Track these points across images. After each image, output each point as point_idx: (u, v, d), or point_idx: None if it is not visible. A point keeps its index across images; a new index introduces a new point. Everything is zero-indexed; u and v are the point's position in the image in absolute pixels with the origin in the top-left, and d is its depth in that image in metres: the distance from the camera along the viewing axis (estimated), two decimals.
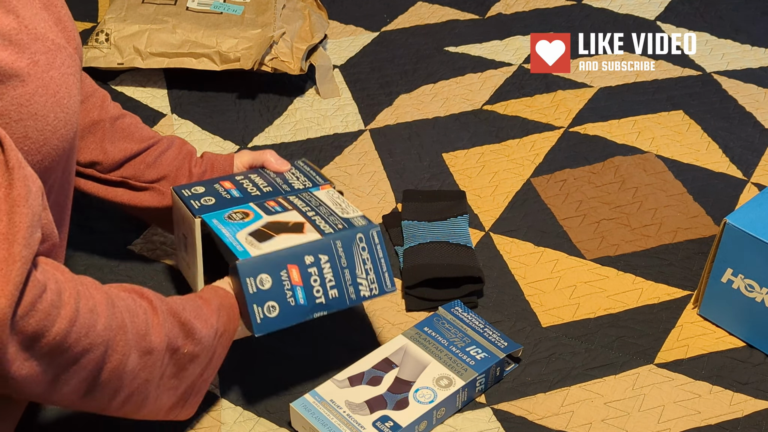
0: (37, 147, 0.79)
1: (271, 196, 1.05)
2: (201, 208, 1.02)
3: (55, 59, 0.80)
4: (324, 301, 0.95)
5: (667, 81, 1.62)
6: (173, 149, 1.12)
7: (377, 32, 1.79)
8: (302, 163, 1.14)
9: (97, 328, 0.76)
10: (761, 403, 1.04)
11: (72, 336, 0.74)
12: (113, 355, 0.79)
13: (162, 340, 0.84)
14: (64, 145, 0.83)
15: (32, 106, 0.77)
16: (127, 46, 1.56)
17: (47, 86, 0.79)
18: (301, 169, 1.13)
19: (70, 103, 0.82)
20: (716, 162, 1.42)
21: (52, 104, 0.79)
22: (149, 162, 1.10)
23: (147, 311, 0.84)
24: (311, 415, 0.97)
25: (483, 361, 1.03)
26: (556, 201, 1.34)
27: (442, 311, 1.12)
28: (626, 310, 1.16)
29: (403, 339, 1.07)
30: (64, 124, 0.81)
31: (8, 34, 0.75)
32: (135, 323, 0.81)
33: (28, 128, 0.77)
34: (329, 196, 1.06)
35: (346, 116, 1.54)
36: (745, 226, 1.04)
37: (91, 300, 0.77)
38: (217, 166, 1.13)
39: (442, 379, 1.01)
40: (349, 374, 1.02)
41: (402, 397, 0.99)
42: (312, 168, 1.13)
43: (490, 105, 1.56)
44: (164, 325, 0.85)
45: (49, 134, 0.79)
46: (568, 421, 1.02)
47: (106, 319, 0.77)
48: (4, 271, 0.67)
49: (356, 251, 0.98)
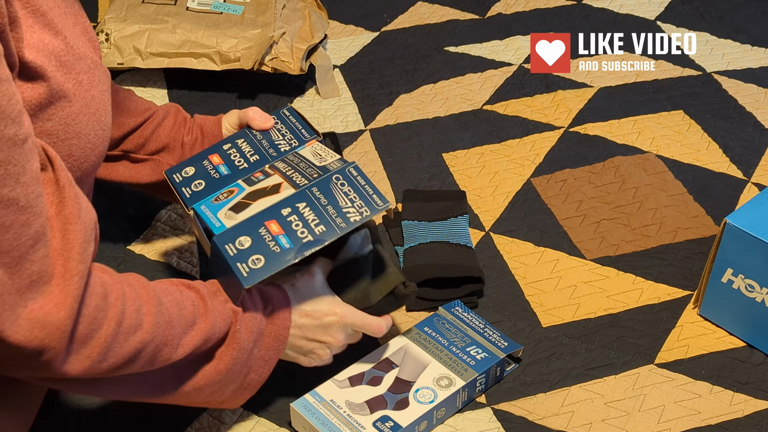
0: (78, 164, 0.81)
1: (258, 166, 1.04)
2: (192, 197, 1.02)
3: (94, 77, 0.83)
4: (312, 238, 0.92)
5: (667, 81, 1.62)
6: (169, 119, 1.12)
7: (377, 32, 1.79)
8: (287, 113, 1.11)
9: (144, 326, 0.78)
10: (761, 403, 1.04)
11: (120, 336, 0.76)
12: (164, 349, 0.81)
13: (212, 324, 0.85)
14: (100, 160, 0.86)
15: (77, 125, 0.80)
16: (127, 46, 1.56)
17: (89, 105, 0.81)
18: (287, 121, 1.10)
19: (107, 119, 0.85)
20: (716, 162, 1.42)
21: (93, 123, 0.82)
22: (147, 135, 1.10)
23: (195, 302, 0.85)
24: (311, 415, 0.97)
25: (483, 361, 1.03)
26: (556, 201, 1.34)
27: (442, 311, 1.12)
28: (626, 310, 1.16)
29: (403, 339, 1.07)
30: (102, 140, 0.84)
31: (59, 55, 0.77)
32: (183, 315, 0.83)
33: (72, 147, 0.80)
34: (312, 151, 1.05)
35: (346, 116, 1.54)
36: (746, 226, 1.04)
37: (137, 300, 0.79)
38: (207, 132, 1.12)
39: (443, 379, 1.01)
40: (349, 374, 1.02)
41: (402, 397, 0.99)
42: (298, 117, 1.10)
43: (490, 105, 1.56)
44: (212, 312, 0.86)
45: (89, 151, 0.82)
46: (568, 421, 1.02)
47: (154, 317, 0.79)
48: (62, 286, 0.70)
49: (335, 189, 0.96)
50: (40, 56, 0.75)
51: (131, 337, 0.77)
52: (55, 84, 0.76)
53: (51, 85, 0.76)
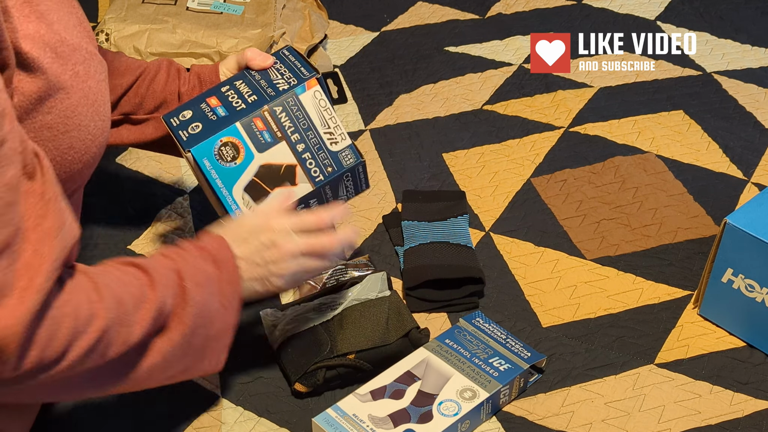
0: (79, 156, 0.80)
1: (256, 107, 1.03)
2: (190, 139, 1.01)
3: (90, 68, 0.81)
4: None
5: (667, 81, 1.62)
6: (162, 73, 1.10)
7: (377, 32, 1.79)
8: (287, 53, 1.09)
9: (99, 314, 0.75)
10: (761, 403, 1.04)
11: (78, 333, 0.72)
12: (120, 331, 0.77)
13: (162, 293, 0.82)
14: (101, 151, 0.85)
15: (76, 117, 0.79)
16: (127, 46, 1.56)
17: (87, 96, 0.80)
18: (286, 60, 1.08)
19: (105, 110, 0.84)
20: (716, 162, 1.42)
21: (92, 114, 0.81)
22: (142, 93, 1.09)
23: (138, 276, 0.81)
24: (334, 430, 0.95)
25: (507, 372, 1.02)
26: (556, 201, 1.34)
27: (463, 323, 1.10)
28: (626, 310, 1.16)
29: (424, 351, 1.05)
30: (102, 131, 0.83)
31: (54, 46, 0.76)
32: (130, 292, 0.79)
33: (73, 139, 0.79)
34: (315, 106, 1.04)
35: (346, 116, 1.54)
36: (746, 226, 1.04)
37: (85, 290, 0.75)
38: (204, 79, 1.10)
39: (466, 391, 1.00)
40: (371, 388, 1.01)
41: (426, 410, 0.98)
42: (297, 56, 1.09)
43: (490, 105, 1.56)
44: (158, 282, 0.82)
45: (90, 143, 0.81)
46: (568, 421, 1.02)
47: (104, 302, 0.75)
48: (21, 300, 0.67)
49: (341, 186, 1.04)
50: (36, 48, 0.74)
51: (88, 328, 0.73)
52: (53, 76, 0.75)
53: (49, 77, 0.75)
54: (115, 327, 0.76)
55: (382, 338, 1.05)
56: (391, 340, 1.05)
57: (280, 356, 1.06)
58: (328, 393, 1.05)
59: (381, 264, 1.23)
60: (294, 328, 1.05)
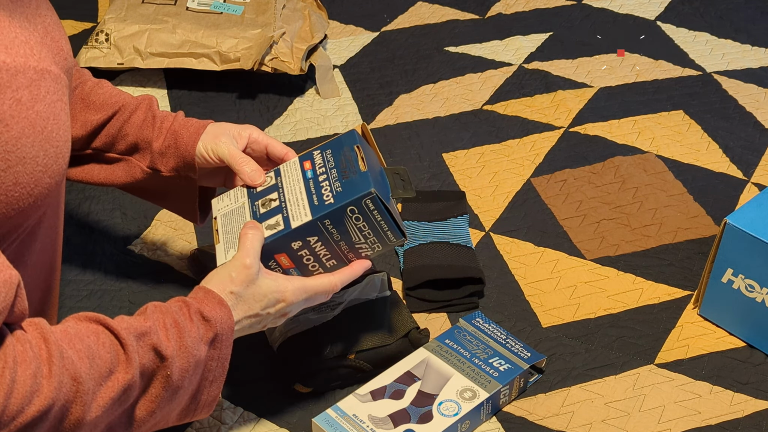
0: (28, 191, 0.72)
1: None
2: None
3: (39, 90, 0.73)
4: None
5: (667, 81, 1.62)
6: (138, 113, 0.99)
7: (377, 32, 1.79)
8: (371, 206, 0.89)
9: (43, 391, 0.67)
10: (761, 403, 1.04)
11: (10, 409, 0.65)
12: (72, 409, 0.70)
13: (134, 373, 0.75)
14: (56, 179, 0.76)
15: (20, 150, 0.70)
16: (127, 46, 1.56)
17: (33, 124, 0.71)
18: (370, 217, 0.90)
19: (60, 133, 0.75)
20: (716, 162, 1.42)
21: (41, 142, 0.72)
22: (113, 133, 0.99)
23: (112, 347, 0.74)
24: (334, 430, 0.95)
25: (507, 373, 1.02)
26: (556, 201, 1.34)
27: (463, 323, 1.10)
28: (626, 310, 1.16)
29: (424, 352, 1.05)
30: (55, 159, 0.75)
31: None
32: (95, 366, 0.72)
33: (18, 174, 0.71)
34: None
35: (346, 116, 1.54)
36: (746, 226, 1.04)
37: (34, 361, 0.67)
38: (181, 145, 0.97)
39: (466, 391, 1.00)
40: (371, 388, 1.01)
41: (426, 410, 0.98)
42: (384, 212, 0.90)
43: (490, 105, 1.56)
44: (133, 357, 0.74)
45: (40, 174, 0.73)
46: (568, 421, 1.02)
47: (56, 377, 0.68)
48: None
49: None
50: None
51: (26, 407, 0.66)
52: None
53: None
54: (63, 405, 0.68)
55: (382, 338, 1.05)
56: (391, 341, 1.05)
57: (280, 357, 1.06)
58: (328, 393, 1.05)
59: (381, 264, 1.23)
60: (294, 328, 1.05)
